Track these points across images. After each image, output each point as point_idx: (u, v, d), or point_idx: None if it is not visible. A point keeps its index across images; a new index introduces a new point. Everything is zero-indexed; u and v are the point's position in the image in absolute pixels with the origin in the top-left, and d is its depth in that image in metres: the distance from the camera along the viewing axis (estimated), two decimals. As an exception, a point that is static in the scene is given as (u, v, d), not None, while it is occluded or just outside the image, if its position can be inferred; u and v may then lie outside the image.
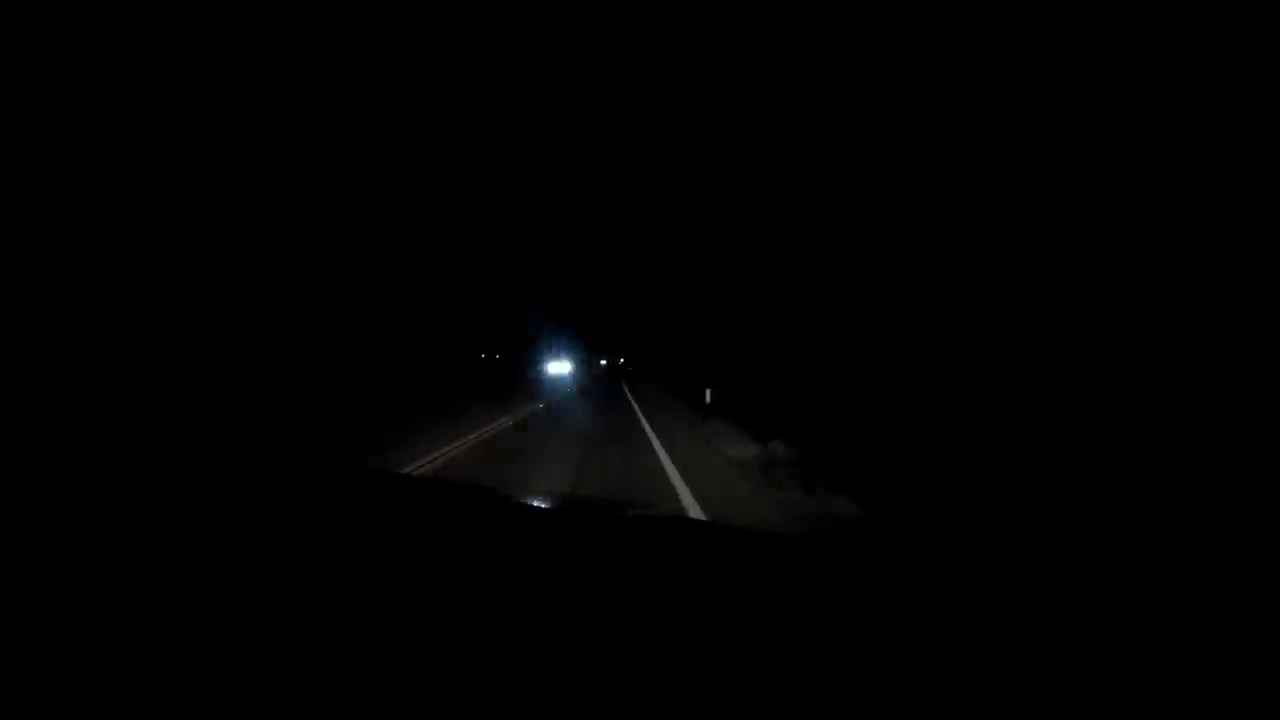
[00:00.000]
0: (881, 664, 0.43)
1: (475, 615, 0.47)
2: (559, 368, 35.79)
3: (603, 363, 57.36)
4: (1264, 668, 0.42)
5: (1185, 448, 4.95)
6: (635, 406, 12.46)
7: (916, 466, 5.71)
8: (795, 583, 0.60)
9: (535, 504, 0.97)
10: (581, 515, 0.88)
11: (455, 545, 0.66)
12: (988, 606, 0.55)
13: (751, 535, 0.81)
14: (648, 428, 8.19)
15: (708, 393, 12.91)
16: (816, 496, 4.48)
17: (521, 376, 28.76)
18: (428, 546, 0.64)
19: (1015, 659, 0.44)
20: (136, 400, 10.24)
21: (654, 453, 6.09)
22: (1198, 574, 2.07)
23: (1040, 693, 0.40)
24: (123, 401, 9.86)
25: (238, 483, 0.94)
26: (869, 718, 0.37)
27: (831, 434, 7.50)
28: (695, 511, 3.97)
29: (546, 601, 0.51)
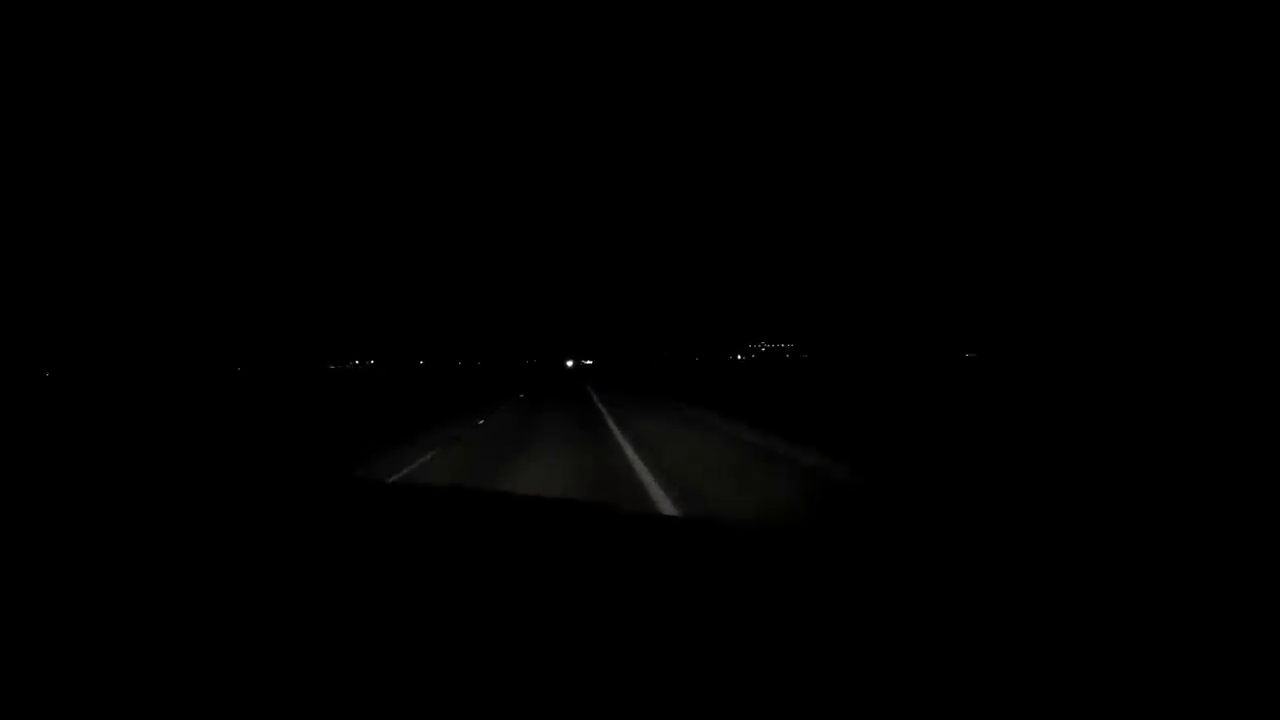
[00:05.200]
0: (861, 658, 0.42)
1: (466, 617, 0.47)
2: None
3: (569, 364, 77.74)
4: (1264, 668, 0.41)
5: (1180, 444, 4.79)
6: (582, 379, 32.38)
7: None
8: (781, 579, 0.60)
9: (513, 505, 0.97)
10: (563, 515, 0.89)
11: (443, 549, 0.66)
12: (974, 604, 0.54)
13: (730, 530, 0.82)
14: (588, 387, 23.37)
15: (589, 363, 55.08)
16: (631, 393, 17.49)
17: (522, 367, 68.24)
18: (415, 551, 0.65)
19: (999, 659, 0.43)
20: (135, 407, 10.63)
21: (585, 387, 22.83)
22: (1196, 571, 1.99)
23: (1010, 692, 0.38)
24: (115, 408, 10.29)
25: (234, 489, 0.96)
26: (851, 712, 0.36)
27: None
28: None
29: (534, 602, 0.51)
